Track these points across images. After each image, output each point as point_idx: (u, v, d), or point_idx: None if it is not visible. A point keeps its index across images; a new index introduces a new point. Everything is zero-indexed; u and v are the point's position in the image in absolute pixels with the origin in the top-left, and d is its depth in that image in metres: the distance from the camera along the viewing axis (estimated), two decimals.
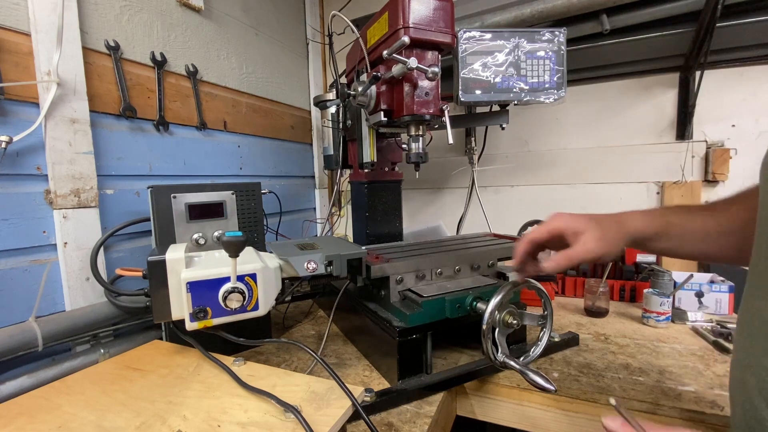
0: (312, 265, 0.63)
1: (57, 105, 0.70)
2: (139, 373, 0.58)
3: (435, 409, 0.60)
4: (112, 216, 0.81)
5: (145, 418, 0.46)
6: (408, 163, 0.86)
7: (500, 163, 1.38)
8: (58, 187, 0.71)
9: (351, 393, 0.48)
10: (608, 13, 1.05)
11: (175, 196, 0.73)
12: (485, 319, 0.56)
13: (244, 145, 1.20)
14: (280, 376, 0.55)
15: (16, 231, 0.68)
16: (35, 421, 0.47)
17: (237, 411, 0.47)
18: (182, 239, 0.73)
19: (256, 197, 0.82)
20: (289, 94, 1.43)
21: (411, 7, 0.72)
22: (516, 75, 1.00)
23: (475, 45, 0.98)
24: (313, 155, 1.57)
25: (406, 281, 0.72)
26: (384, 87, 0.80)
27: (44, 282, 0.71)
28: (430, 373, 0.67)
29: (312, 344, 0.85)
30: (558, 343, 0.78)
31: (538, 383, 0.52)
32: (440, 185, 1.48)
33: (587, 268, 1.10)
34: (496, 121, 1.13)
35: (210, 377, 0.56)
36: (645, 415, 0.60)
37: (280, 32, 1.37)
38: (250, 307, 0.58)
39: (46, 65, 0.69)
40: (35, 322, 0.66)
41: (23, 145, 0.68)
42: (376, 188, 1.00)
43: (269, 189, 0.93)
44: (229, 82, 1.14)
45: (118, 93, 0.83)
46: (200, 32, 1.04)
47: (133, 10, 0.87)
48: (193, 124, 1.02)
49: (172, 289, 0.56)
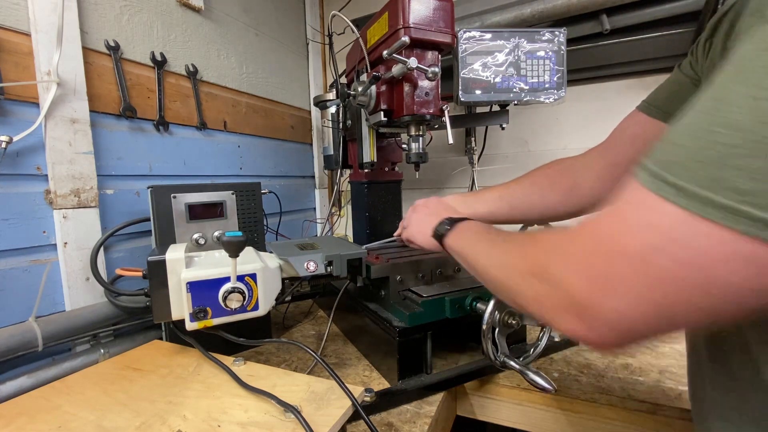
0: (312, 265, 0.63)
1: (57, 105, 0.70)
2: (139, 373, 0.58)
3: (435, 409, 0.60)
4: (112, 216, 0.81)
5: (145, 418, 0.46)
6: (408, 163, 0.86)
7: (500, 163, 1.38)
8: (58, 187, 0.71)
9: (351, 393, 0.48)
10: (608, 13, 1.05)
11: (175, 196, 0.73)
12: (485, 319, 0.56)
13: (244, 145, 1.20)
14: (280, 376, 0.55)
15: (16, 231, 0.68)
16: (35, 421, 0.47)
17: (237, 411, 0.47)
18: (182, 239, 0.73)
19: (256, 197, 0.82)
20: (289, 94, 1.43)
21: (411, 7, 0.72)
22: (516, 75, 1.00)
23: (475, 45, 0.98)
24: (313, 155, 1.57)
25: (406, 281, 0.72)
26: (384, 87, 0.80)
27: (44, 282, 0.71)
28: (430, 373, 0.67)
29: (312, 344, 0.85)
30: (558, 343, 0.78)
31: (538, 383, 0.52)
32: (440, 185, 1.48)
33: None
34: (496, 121, 1.13)
35: (210, 377, 0.56)
36: (645, 415, 0.60)
37: (280, 32, 1.37)
38: (250, 307, 0.58)
39: (46, 65, 0.69)
40: (35, 322, 0.66)
41: (23, 145, 0.68)
42: (376, 188, 1.00)
43: (269, 189, 0.93)
44: (229, 82, 1.14)
45: (118, 93, 0.83)
46: (200, 32, 1.04)
47: (133, 10, 0.87)
48: (193, 124, 1.02)
49: (172, 289, 0.56)
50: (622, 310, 0.25)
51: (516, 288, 0.36)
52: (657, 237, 0.24)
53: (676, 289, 0.24)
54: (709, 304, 0.23)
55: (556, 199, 0.66)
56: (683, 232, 0.23)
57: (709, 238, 0.22)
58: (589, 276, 0.27)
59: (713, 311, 0.24)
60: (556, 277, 0.30)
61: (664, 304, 0.24)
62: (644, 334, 0.26)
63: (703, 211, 0.22)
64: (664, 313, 0.25)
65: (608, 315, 0.26)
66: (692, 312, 0.24)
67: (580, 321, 0.28)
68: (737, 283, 0.22)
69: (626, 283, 0.25)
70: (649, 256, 0.24)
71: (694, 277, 0.23)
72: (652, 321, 0.25)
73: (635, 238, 0.25)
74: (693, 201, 0.23)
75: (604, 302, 0.26)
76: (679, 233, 0.23)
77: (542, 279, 0.32)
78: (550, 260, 0.31)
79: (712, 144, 0.23)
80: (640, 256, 0.25)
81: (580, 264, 0.28)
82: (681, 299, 0.24)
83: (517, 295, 0.36)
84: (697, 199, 0.23)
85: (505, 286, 0.39)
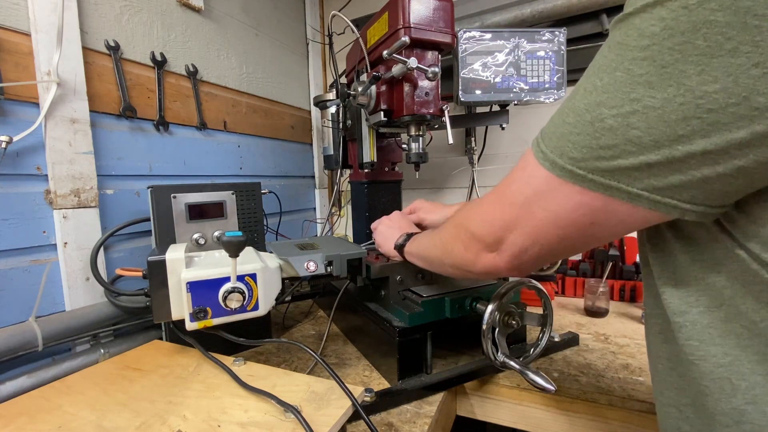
0: (312, 265, 0.63)
1: (57, 105, 0.70)
2: (139, 373, 0.58)
3: (435, 409, 0.60)
4: (112, 216, 0.81)
5: (145, 418, 0.46)
6: (408, 163, 0.86)
7: (500, 163, 1.38)
8: (58, 187, 0.71)
9: (351, 393, 0.48)
10: (608, 13, 1.06)
11: (175, 196, 0.73)
12: (485, 319, 0.56)
13: (244, 145, 1.20)
14: (280, 376, 0.55)
15: (16, 231, 0.68)
16: (35, 421, 0.47)
17: (237, 411, 0.47)
18: (182, 239, 0.73)
19: (256, 197, 0.82)
20: (289, 94, 1.43)
21: (411, 7, 0.72)
22: (516, 75, 1.00)
23: (475, 45, 0.98)
24: (313, 155, 1.57)
25: (406, 281, 0.72)
26: (384, 87, 0.80)
27: (44, 282, 0.71)
28: (430, 373, 0.67)
29: (312, 344, 0.85)
30: (558, 343, 0.78)
31: (538, 383, 0.52)
32: (440, 185, 1.48)
33: (587, 268, 1.10)
34: (496, 121, 1.13)
35: (210, 377, 0.56)
36: (645, 415, 0.60)
37: (280, 32, 1.37)
38: (250, 307, 0.58)
39: (46, 65, 0.69)
40: (35, 322, 0.66)
41: (23, 145, 0.68)
42: (376, 188, 1.00)
43: (269, 189, 0.93)
44: (229, 82, 1.14)
45: (118, 93, 0.83)
46: (200, 32, 1.04)
47: (133, 10, 0.87)
48: (193, 124, 1.02)
49: (172, 289, 0.56)
50: (517, 241, 0.36)
51: (450, 250, 0.47)
52: (531, 190, 0.33)
53: (543, 225, 0.33)
54: (566, 234, 0.33)
55: None
56: (546, 186, 0.32)
57: (557, 191, 0.31)
58: (492, 222, 0.38)
59: (569, 240, 0.34)
60: (470, 229, 0.42)
61: (538, 235, 0.35)
62: (534, 256, 0.37)
63: (555, 172, 0.31)
64: (539, 240, 0.35)
65: (509, 247, 0.37)
66: (555, 241, 0.34)
67: (493, 255, 0.39)
68: (578, 219, 0.31)
69: (516, 223, 0.36)
70: (527, 205, 0.34)
71: (552, 218, 0.33)
72: (535, 247, 0.36)
73: (520, 192, 0.35)
74: (552, 165, 0.31)
75: (506, 238, 0.37)
76: (544, 188, 0.32)
77: (465, 235, 0.43)
78: (468, 220, 0.43)
79: (562, 123, 0.30)
80: (522, 205, 0.34)
81: (486, 215, 0.39)
82: (548, 232, 0.34)
83: (451, 255, 0.47)
84: (554, 164, 0.31)
85: (445, 255, 0.49)
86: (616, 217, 0.30)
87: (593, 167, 0.28)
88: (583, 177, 0.29)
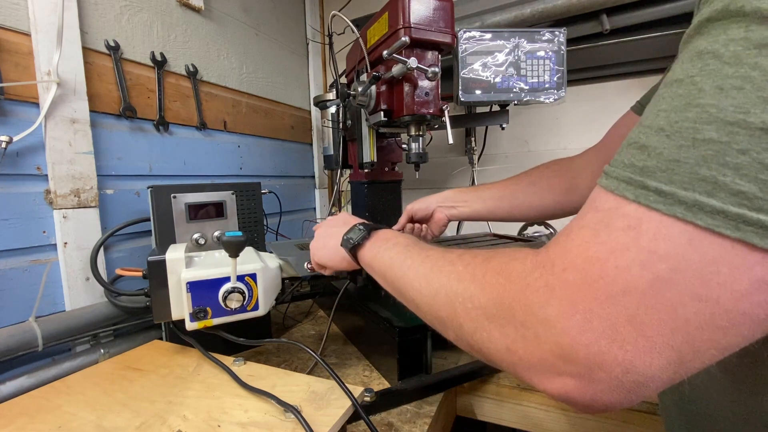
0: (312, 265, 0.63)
1: (57, 105, 0.70)
2: (139, 373, 0.58)
3: (435, 409, 0.60)
4: (112, 216, 0.81)
5: (145, 418, 0.46)
6: (408, 163, 0.86)
7: (500, 163, 1.38)
8: (58, 187, 0.71)
9: (351, 393, 0.48)
10: (608, 13, 1.05)
11: (175, 196, 0.73)
12: None
13: (244, 145, 1.20)
14: (280, 376, 0.55)
15: (16, 231, 0.68)
16: (35, 421, 0.47)
17: (237, 411, 0.47)
18: (182, 239, 0.73)
19: (256, 197, 0.82)
20: (289, 94, 1.43)
21: (411, 7, 0.72)
22: (516, 75, 1.00)
23: (475, 45, 0.98)
24: (313, 155, 1.57)
25: None
26: (384, 87, 0.80)
27: (44, 282, 0.71)
28: (430, 373, 0.67)
29: (312, 344, 0.85)
30: None
31: None
32: (440, 185, 1.48)
33: None
34: (496, 121, 1.13)
35: (210, 377, 0.56)
36: (645, 415, 0.60)
37: (280, 32, 1.37)
38: (250, 307, 0.58)
39: (46, 65, 0.69)
40: (35, 322, 0.66)
41: (23, 145, 0.68)
42: (376, 188, 1.00)
43: (269, 189, 0.93)
44: (229, 82, 1.14)
45: (118, 93, 0.83)
46: (200, 32, 1.04)
47: (133, 10, 0.87)
48: (193, 124, 1.02)
49: (172, 289, 0.56)
50: (634, 362, 0.19)
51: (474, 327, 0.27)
52: (662, 264, 0.19)
53: (692, 329, 0.18)
54: (728, 342, 0.19)
55: (554, 200, 0.66)
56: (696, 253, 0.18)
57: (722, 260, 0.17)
58: (585, 321, 0.20)
59: (734, 345, 0.19)
60: (542, 321, 0.22)
61: (682, 346, 0.19)
62: (654, 388, 0.20)
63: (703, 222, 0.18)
64: (685, 357, 0.19)
65: (614, 370, 0.20)
66: (706, 357, 0.19)
67: (574, 379, 0.21)
68: (754, 311, 0.18)
69: (638, 327, 0.19)
70: (658, 290, 0.19)
71: (709, 312, 0.18)
72: (668, 372, 0.19)
73: (637, 269, 0.19)
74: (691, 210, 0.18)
75: (610, 354, 0.20)
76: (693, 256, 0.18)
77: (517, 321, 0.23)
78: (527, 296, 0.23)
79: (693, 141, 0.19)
80: (648, 291, 0.19)
81: (567, 303, 0.21)
82: (699, 339, 0.18)
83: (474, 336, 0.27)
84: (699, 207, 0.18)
85: (454, 323, 0.29)
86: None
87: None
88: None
